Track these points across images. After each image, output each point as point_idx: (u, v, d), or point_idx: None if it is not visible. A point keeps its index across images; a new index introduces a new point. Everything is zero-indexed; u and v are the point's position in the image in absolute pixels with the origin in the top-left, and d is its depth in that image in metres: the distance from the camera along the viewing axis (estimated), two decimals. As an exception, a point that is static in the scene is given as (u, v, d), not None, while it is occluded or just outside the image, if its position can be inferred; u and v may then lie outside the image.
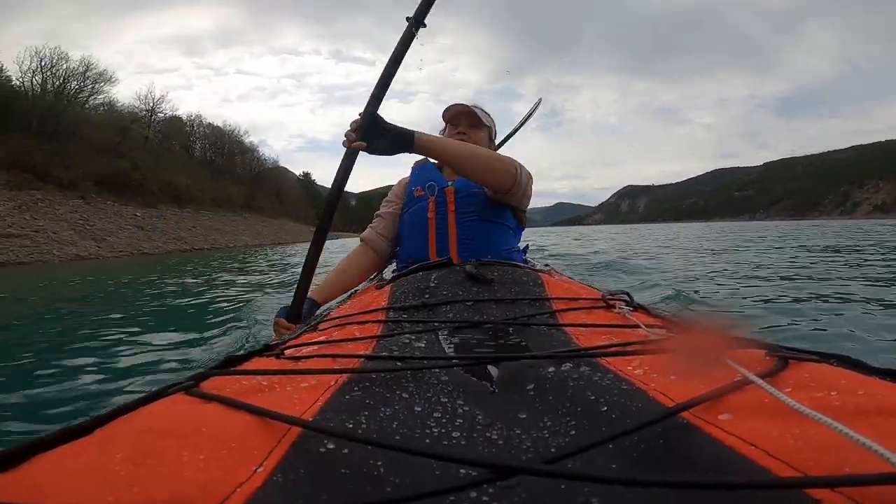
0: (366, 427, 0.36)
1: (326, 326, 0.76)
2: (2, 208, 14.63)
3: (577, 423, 0.36)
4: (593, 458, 0.30)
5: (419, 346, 0.59)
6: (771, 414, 0.31)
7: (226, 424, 0.34)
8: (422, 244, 1.29)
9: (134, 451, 0.29)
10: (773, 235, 12.28)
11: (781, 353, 0.41)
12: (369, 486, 0.28)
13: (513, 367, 0.48)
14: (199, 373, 0.46)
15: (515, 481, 0.27)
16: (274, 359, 0.55)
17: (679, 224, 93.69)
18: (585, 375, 0.43)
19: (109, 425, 0.34)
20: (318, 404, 0.40)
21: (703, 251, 7.47)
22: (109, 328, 2.78)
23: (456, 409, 0.40)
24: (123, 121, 27.94)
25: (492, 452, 0.33)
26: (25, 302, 4.65)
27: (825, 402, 0.32)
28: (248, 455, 0.30)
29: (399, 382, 0.45)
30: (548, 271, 1.12)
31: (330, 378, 0.45)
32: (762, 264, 4.91)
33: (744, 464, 0.27)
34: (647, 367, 0.43)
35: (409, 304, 0.79)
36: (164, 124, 33.68)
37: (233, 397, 0.38)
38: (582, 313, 0.72)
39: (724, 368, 0.38)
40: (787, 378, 0.37)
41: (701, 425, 0.32)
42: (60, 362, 1.98)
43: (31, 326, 3.07)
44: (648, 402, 0.37)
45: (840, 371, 0.38)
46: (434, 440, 0.35)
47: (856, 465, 0.24)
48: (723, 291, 3.14)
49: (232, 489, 0.27)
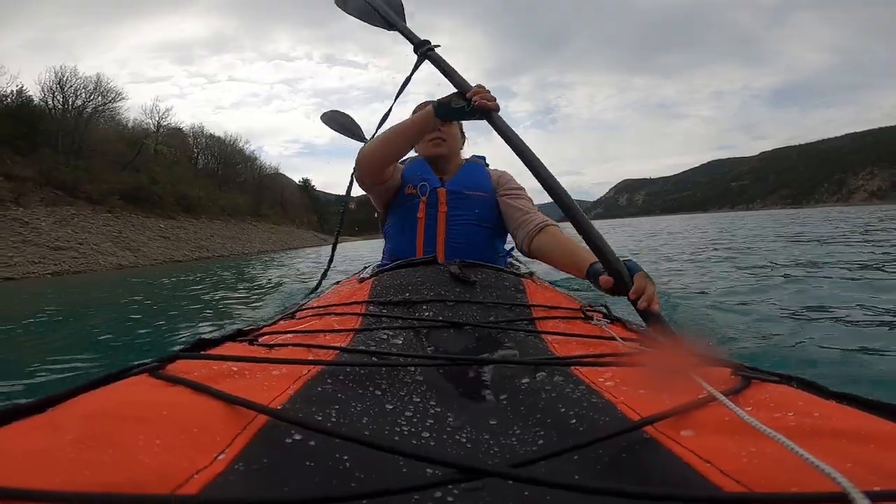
0: (335, 420, 0.37)
1: (304, 315, 0.76)
2: (45, 224, 15.98)
3: (545, 432, 0.37)
4: (558, 467, 0.31)
5: (397, 342, 0.59)
6: (730, 431, 0.31)
7: (189, 409, 0.33)
8: (409, 243, 1.28)
9: (87, 432, 0.28)
10: (753, 225, 12.48)
11: (745, 372, 0.42)
12: (334, 480, 0.28)
13: (488, 371, 0.49)
14: (167, 355, 0.45)
15: (481, 483, 0.28)
16: (247, 345, 0.55)
17: (671, 217, 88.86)
18: (558, 386, 0.44)
19: (63, 405, 0.33)
20: (288, 393, 0.39)
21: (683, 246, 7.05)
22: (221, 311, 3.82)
23: (428, 409, 0.40)
24: (137, 136, 29.29)
25: (460, 454, 0.34)
26: (147, 296, 5.95)
27: (782, 421, 0.32)
28: (210, 441, 0.30)
29: (373, 378, 0.45)
30: (529, 276, 1.15)
31: (303, 368, 0.45)
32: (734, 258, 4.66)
33: (697, 479, 0.28)
34: (619, 380, 0.44)
35: (390, 300, 0.79)
36: (167, 136, 34.82)
37: (199, 381, 0.37)
38: (560, 322, 0.72)
39: (691, 384, 0.39)
40: (749, 397, 0.38)
41: (662, 440, 0.32)
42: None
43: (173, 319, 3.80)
44: (616, 415, 0.38)
45: (798, 393, 0.39)
46: (403, 438, 0.35)
47: (804, 484, 0.25)
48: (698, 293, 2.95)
49: (189, 475, 0.26)
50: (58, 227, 16.33)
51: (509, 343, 0.61)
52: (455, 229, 1.26)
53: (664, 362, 0.48)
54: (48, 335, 3.11)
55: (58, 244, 14.89)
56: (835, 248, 4.90)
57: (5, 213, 15.34)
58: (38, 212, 16.60)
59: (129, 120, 30.69)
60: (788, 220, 15.10)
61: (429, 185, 1.30)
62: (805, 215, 19.51)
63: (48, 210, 17.19)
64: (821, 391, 0.39)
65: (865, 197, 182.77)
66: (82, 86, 25.08)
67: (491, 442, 0.35)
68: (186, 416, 0.32)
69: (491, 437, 0.36)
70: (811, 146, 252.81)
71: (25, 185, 17.66)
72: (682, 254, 5.63)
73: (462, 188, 1.30)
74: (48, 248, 14.39)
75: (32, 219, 15.88)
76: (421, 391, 0.43)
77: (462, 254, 1.16)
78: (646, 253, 6.22)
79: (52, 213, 17.09)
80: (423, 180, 1.31)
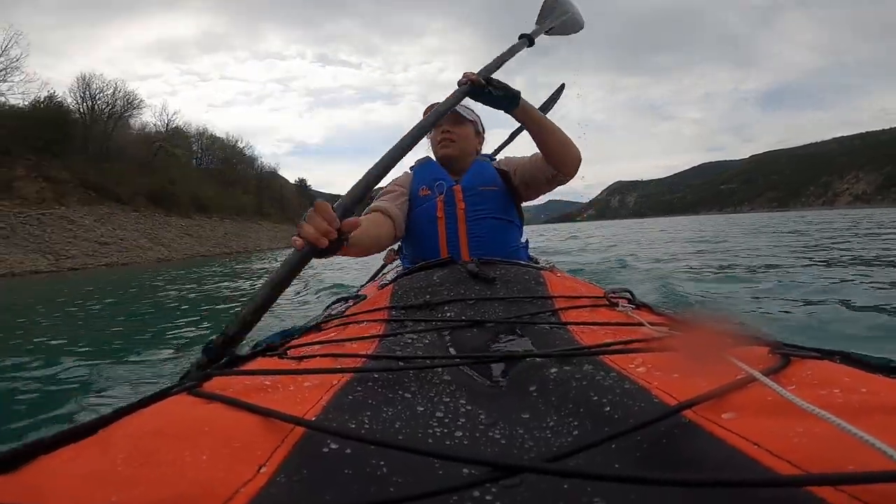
0: (368, 427, 0.37)
1: (329, 326, 0.77)
2: (89, 221, 17.94)
3: (579, 422, 0.36)
4: (596, 458, 0.30)
5: (421, 345, 0.59)
6: (774, 412, 0.31)
7: (228, 424, 0.34)
8: (432, 245, 1.27)
9: (136, 451, 0.29)
10: (745, 226, 13.83)
11: (784, 350, 0.41)
12: (373, 486, 0.29)
13: (516, 366, 0.48)
14: (203, 373, 0.46)
15: (518, 480, 0.27)
16: (277, 358, 0.56)
17: (665, 219, 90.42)
18: (588, 374, 0.43)
19: (111, 426, 0.34)
20: (321, 404, 0.40)
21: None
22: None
23: (458, 408, 0.40)
24: (153, 139, 31.05)
25: (494, 452, 0.33)
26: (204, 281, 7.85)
27: (828, 399, 0.31)
28: (251, 455, 0.30)
29: (401, 382, 0.45)
30: (550, 268, 1.14)
31: (332, 378, 0.45)
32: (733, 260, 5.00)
33: (747, 462, 0.27)
34: (651, 366, 0.43)
35: (412, 304, 0.80)
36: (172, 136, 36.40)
37: (235, 397, 0.38)
38: (584, 311, 0.72)
39: (728, 366, 0.38)
40: (791, 375, 0.36)
41: (703, 424, 0.32)
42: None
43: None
44: (651, 400, 0.37)
45: (842, 368, 0.37)
46: (437, 440, 0.35)
47: (859, 462, 0.24)
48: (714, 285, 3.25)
49: (235, 489, 0.27)
50: (99, 224, 18.32)
51: (534, 336, 0.61)
52: (476, 225, 1.26)
53: (698, 345, 0.46)
54: (161, 307, 4.58)
55: (103, 240, 16.91)
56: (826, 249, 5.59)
57: (53, 212, 17.29)
58: (79, 210, 18.55)
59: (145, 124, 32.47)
60: (774, 222, 16.34)
61: (444, 183, 1.30)
62: (788, 217, 20.58)
63: (87, 209, 19.10)
64: (866, 365, 0.37)
65: (850, 200, 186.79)
66: (107, 92, 27.03)
67: (525, 437, 0.35)
68: (227, 431, 0.33)
69: (525, 432, 0.35)
70: (799, 149, 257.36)
71: (66, 187, 19.55)
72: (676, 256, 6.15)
73: (477, 185, 1.29)
74: (96, 244, 16.43)
75: (76, 217, 17.86)
76: (450, 391, 0.43)
77: (485, 249, 1.20)
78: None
79: (91, 212, 19.03)
80: (438, 180, 1.31)
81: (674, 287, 3.08)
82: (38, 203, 17.38)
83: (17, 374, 2.12)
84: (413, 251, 1.35)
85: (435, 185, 1.31)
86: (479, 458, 0.28)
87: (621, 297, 0.77)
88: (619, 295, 0.78)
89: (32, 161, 19.02)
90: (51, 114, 22.30)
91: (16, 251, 13.42)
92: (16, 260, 12.90)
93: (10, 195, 16.73)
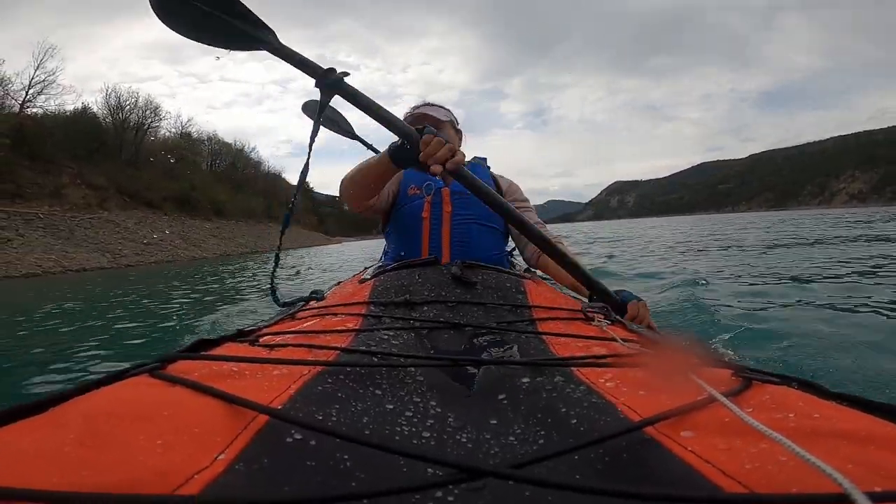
0: (336, 420, 0.36)
1: (305, 316, 0.77)
2: (130, 224, 20.16)
3: (546, 432, 0.36)
4: (559, 467, 0.31)
5: (397, 343, 0.59)
6: (731, 432, 0.31)
7: (189, 409, 0.33)
8: (414, 244, 1.29)
9: (88, 432, 0.28)
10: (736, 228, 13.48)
11: (746, 374, 0.42)
12: (335, 480, 0.28)
13: (488, 372, 0.48)
14: (166, 355, 0.44)
15: (481, 484, 0.28)
16: (247, 345, 0.55)
17: (659, 219, 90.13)
18: (559, 386, 0.43)
19: (64, 405, 0.33)
20: (289, 393, 0.39)
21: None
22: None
23: (428, 409, 0.40)
24: (174, 146, 33.21)
25: (460, 455, 0.33)
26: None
27: (783, 422, 0.32)
28: (211, 441, 0.30)
29: (373, 378, 0.45)
30: (531, 277, 1.15)
31: (303, 368, 0.45)
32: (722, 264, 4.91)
33: (698, 480, 0.27)
34: (619, 381, 0.44)
35: (391, 301, 0.79)
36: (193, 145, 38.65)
37: (199, 381, 0.37)
38: (561, 323, 0.72)
39: (692, 386, 0.38)
40: (750, 398, 0.37)
41: (663, 441, 0.32)
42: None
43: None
44: (616, 415, 0.37)
45: (799, 394, 0.38)
46: (404, 438, 0.35)
47: (806, 485, 0.25)
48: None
49: (189, 476, 0.26)
50: (139, 227, 20.52)
51: (510, 344, 0.61)
52: (460, 229, 1.28)
53: (664, 363, 0.47)
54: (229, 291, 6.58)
55: (146, 241, 19.08)
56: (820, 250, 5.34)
57: (100, 216, 19.50)
58: (120, 214, 20.76)
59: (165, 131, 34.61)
60: (767, 223, 16.49)
61: (433, 184, 1.32)
62: (780, 218, 20.98)
63: (125, 214, 21.30)
64: (821, 392, 0.39)
65: (846, 200, 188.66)
66: (136, 103, 29.30)
67: (492, 442, 0.35)
68: (187, 416, 0.32)
69: (492, 438, 0.36)
70: (796, 149, 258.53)
71: (106, 193, 21.76)
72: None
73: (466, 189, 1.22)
74: (141, 244, 18.68)
75: (119, 220, 20.07)
76: (421, 391, 0.43)
77: (467, 254, 1.20)
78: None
79: (130, 216, 21.26)
80: (428, 180, 1.32)
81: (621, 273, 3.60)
82: (85, 208, 19.58)
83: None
84: (395, 248, 1.38)
85: (424, 185, 1.33)
86: (444, 460, 0.28)
87: (598, 312, 0.79)
88: (595, 310, 0.80)
89: (74, 169, 21.21)
90: (87, 124, 24.48)
91: (79, 250, 15.57)
92: (83, 258, 15.02)
93: (61, 201, 18.91)
